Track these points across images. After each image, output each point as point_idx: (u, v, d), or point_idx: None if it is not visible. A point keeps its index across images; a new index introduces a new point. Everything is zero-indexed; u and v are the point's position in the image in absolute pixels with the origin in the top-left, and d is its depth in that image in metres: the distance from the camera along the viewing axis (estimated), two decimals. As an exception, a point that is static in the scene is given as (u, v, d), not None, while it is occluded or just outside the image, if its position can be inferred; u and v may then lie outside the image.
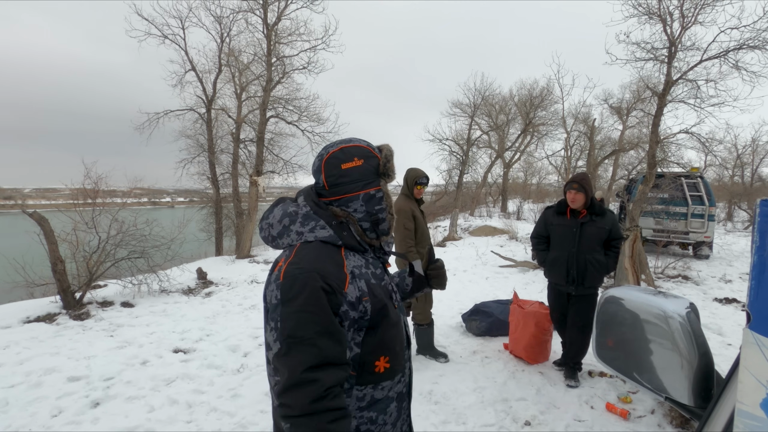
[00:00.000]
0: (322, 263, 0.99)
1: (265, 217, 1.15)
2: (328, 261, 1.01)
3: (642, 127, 16.40)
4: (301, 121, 12.82)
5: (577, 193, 3.24)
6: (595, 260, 3.24)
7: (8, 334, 4.23)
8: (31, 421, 2.75)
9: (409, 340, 1.21)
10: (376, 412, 1.06)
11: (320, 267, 0.97)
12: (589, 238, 3.26)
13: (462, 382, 3.34)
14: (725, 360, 3.69)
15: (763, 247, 0.57)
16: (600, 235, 3.25)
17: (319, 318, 0.93)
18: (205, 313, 5.17)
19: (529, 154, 23.63)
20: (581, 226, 3.28)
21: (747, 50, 6.23)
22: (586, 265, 3.24)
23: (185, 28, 12.66)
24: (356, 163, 1.09)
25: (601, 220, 3.27)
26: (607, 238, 3.27)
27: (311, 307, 0.93)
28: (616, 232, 3.29)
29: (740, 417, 0.59)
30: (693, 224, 8.83)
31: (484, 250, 9.75)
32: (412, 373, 1.24)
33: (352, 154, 1.09)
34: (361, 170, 1.09)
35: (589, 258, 3.24)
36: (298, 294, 0.93)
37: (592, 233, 3.26)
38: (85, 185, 6.32)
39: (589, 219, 3.26)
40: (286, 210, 1.10)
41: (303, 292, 0.93)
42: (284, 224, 1.08)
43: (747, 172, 21.32)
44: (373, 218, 1.11)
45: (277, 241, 1.10)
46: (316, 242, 1.04)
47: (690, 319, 0.81)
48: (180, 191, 19.45)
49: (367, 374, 1.04)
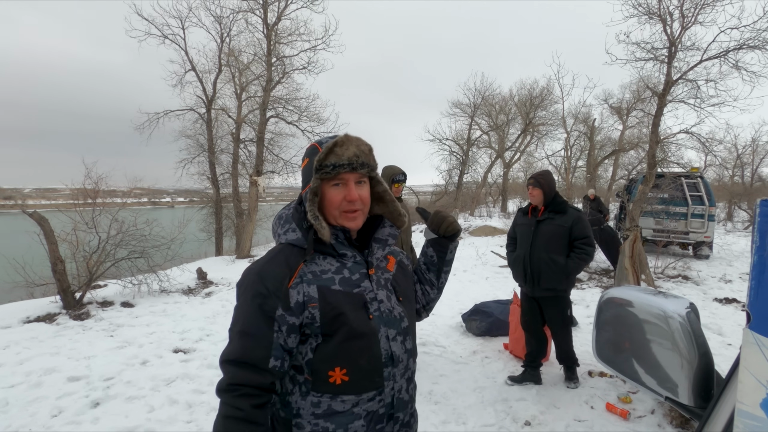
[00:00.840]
0: (268, 266, 1.00)
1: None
2: (278, 264, 1.00)
3: (642, 127, 16.41)
4: (301, 121, 12.84)
5: (534, 189, 3.14)
6: (550, 260, 3.07)
7: (8, 334, 4.23)
8: (31, 421, 2.75)
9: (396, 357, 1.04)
10: (335, 425, 0.98)
11: (264, 269, 1.00)
12: (545, 237, 3.11)
13: (462, 382, 3.34)
14: (725, 360, 3.70)
15: (763, 247, 0.57)
16: (558, 234, 3.07)
17: (244, 319, 0.97)
18: (205, 313, 5.17)
19: (529, 154, 23.65)
20: (537, 225, 3.16)
21: (747, 50, 6.23)
22: (541, 265, 3.10)
23: (185, 28, 12.69)
24: (305, 162, 1.05)
25: (561, 218, 3.09)
26: (571, 237, 3.08)
27: (243, 307, 0.99)
28: (579, 230, 3.06)
29: (740, 417, 0.59)
30: (693, 224, 8.84)
31: (484, 250, 9.76)
32: (407, 395, 1.08)
33: (305, 154, 1.07)
34: (306, 170, 1.04)
35: (545, 258, 3.08)
36: (240, 294, 1.00)
37: (549, 232, 3.10)
38: (85, 185, 6.34)
39: (548, 217, 3.12)
40: (281, 212, 1.13)
41: (243, 293, 0.99)
42: (274, 226, 1.13)
43: (747, 172, 21.35)
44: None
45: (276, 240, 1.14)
46: (284, 245, 1.05)
47: (690, 319, 0.80)
48: (180, 191, 19.46)
49: (320, 382, 0.98)
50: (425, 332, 4.46)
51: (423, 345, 4.12)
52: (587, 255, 3.05)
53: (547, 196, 3.13)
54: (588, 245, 3.06)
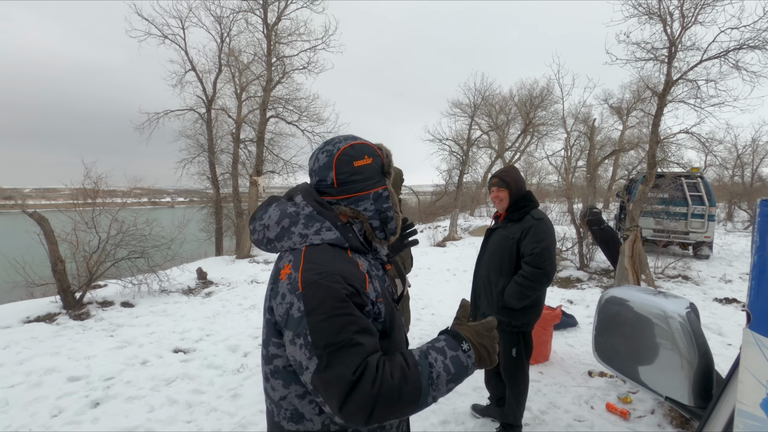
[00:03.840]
0: (340, 265, 0.94)
1: (257, 218, 1.06)
2: (348, 262, 0.96)
3: (642, 127, 16.43)
4: (301, 121, 12.85)
5: (499, 190, 2.46)
6: (488, 281, 2.46)
7: (8, 334, 4.23)
8: (31, 421, 2.75)
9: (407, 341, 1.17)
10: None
11: (340, 269, 0.92)
12: (489, 252, 2.51)
13: (462, 382, 3.33)
14: (725, 360, 3.70)
15: (763, 247, 0.57)
16: (502, 247, 2.40)
17: (353, 317, 0.88)
18: (205, 313, 5.17)
19: (529, 154, 23.63)
20: (491, 234, 2.55)
21: (747, 50, 6.23)
22: (480, 286, 2.54)
23: (185, 28, 12.68)
24: (367, 161, 1.04)
25: (512, 227, 2.39)
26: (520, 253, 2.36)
27: (343, 310, 0.87)
28: (528, 247, 2.29)
29: (740, 417, 0.59)
30: (693, 224, 8.83)
31: (484, 250, 9.74)
32: None
33: (362, 152, 1.05)
34: (372, 168, 1.05)
35: (484, 277, 2.50)
36: (324, 299, 0.87)
37: (493, 244, 2.48)
38: (85, 185, 6.33)
39: (502, 225, 2.48)
40: (284, 210, 1.02)
41: (330, 297, 0.87)
42: (283, 225, 1.00)
43: (747, 172, 21.33)
44: (383, 216, 1.07)
45: (275, 244, 1.02)
46: (323, 245, 0.98)
47: (690, 319, 0.81)
48: (180, 191, 19.45)
49: None
50: (425, 332, 4.46)
51: (423, 345, 4.12)
52: (527, 278, 2.25)
53: (512, 197, 2.45)
54: (530, 264, 2.26)
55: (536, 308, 2.44)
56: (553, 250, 2.30)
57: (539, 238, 2.29)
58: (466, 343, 0.95)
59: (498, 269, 2.41)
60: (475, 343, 0.96)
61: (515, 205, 2.43)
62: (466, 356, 0.94)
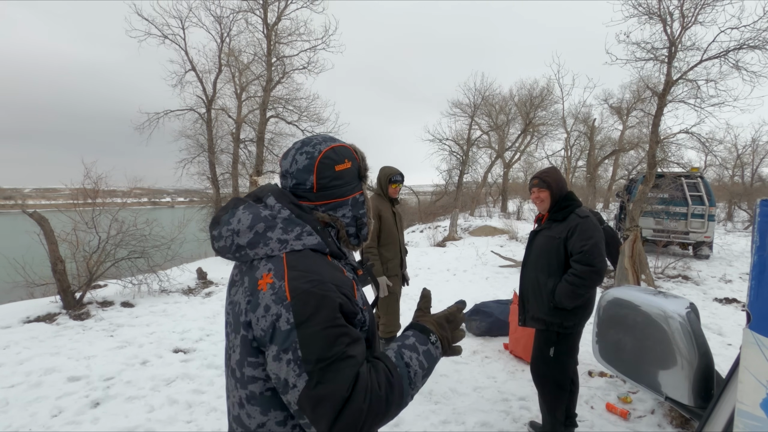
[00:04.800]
0: (329, 272, 0.88)
1: (222, 222, 0.94)
2: (332, 269, 0.90)
3: (642, 127, 16.44)
4: (301, 121, 12.86)
5: (540, 191, 2.45)
6: (536, 282, 2.42)
7: (8, 334, 4.23)
8: (31, 421, 2.75)
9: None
10: None
11: (331, 276, 0.87)
12: (536, 253, 2.47)
13: (462, 382, 3.34)
14: (725, 360, 3.70)
15: (763, 247, 0.57)
16: (549, 248, 2.38)
17: (346, 328, 0.82)
18: (205, 313, 5.17)
19: (529, 154, 23.67)
20: (534, 236, 2.54)
21: (747, 50, 6.24)
22: (528, 288, 2.50)
23: (185, 28, 12.67)
24: (347, 165, 1.00)
25: (557, 227, 2.38)
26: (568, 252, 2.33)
27: (337, 321, 0.81)
28: (576, 245, 2.27)
29: (740, 417, 0.59)
30: (693, 224, 8.84)
31: (484, 250, 9.75)
32: None
33: (344, 156, 0.99)
34: (351, 173, 1.01)
35: (532, 279, 2.46)
36: (318, 310, 0.80)
37: (540, 246, 2.45)
38: (85, 185, 6.32)
39: (547, 226, 2.46)
40: (257, 213, 0.91)
41: (323, 307, 0.81)
42: (257, 231, 0.90)
43: (747, 172, 21.34)
44: (359, 223, 1.04)
45: (246, 251, 0.90)
46: (305, 251, 0.89)
47: (690, 319, 0.81)
48: (180, 191, 19.44)
49: None
50: (425, 332, 4.46)
51: (423, 345, 4.12)
52: (578, 277, 2.24)
53: (554, 198, 2.43)
54: (581, 263, 2.25)
55: (587, 308, 2.41)
56: (602, 247, 2.30)
57: (587, 235, 2.28)
58: (433, 335, 0.94)
59: (546, 270, 2.38)
60: (439, 335, 0.95)
61: (558, 205, 2.42)
62: (435, 348, 0.94)
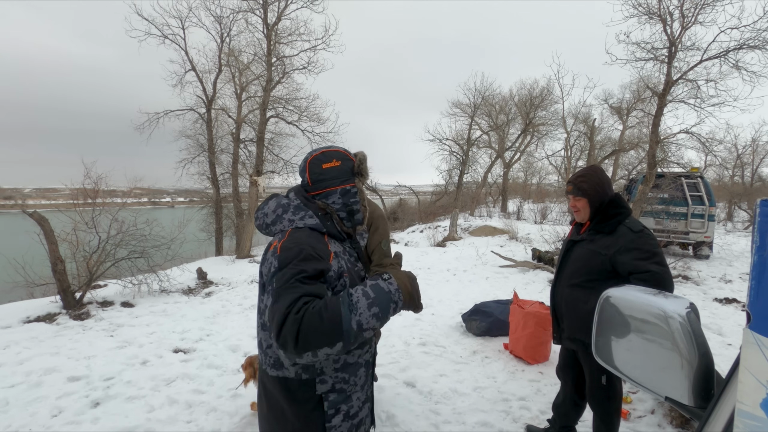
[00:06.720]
0: (312, 241, 1.18)
1: (260, 208, 1.36)
2: (317, 239, 1.21)
3: (642, 127, 16.43)
4: (301, 121, 12.85)
5: (576, 199, 2.14)
6: (572, 299, 2.13)
7: (8, 334, 4.22)
8: (31, 421, 2.75)
9: None
10: (348, 374, 1.26)
11: (310, 242, 1.17)
12: (574, 266, 2.16)
13: (462, 382, 3.34)
14: (725, 360, 3.69)
15: (763, 247, 0.57)
16: (590, 263, 2.07)
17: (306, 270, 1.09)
18: (205, 313, 5.17)
19: (529, 154, 23.67)
20: (572, 246, 2.23)
21: (747, 50, 6.24)
22: (563, 304, 2.21)
23: (185, 28, 12.69)
24: (335, 163, 1.32)
25: (602, 239, 2.04)
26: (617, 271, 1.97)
27: (301, 265, 1.10)
28: (629, 261, 1.91)
29: (740, 417, 0.59)
30: (693, 224, 8.84)
31: (484, 250, 9.75)
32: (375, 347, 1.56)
33: (331, 156, 1.32)
34: (339, 169, 1.32)
35: (566, 295, 2.17)
36: (293, 258, 1.11)
37: (580, 258, 2.14)
38: (85, 185, 6.32)
39: (588, 237, 2.13)
40: (279, 202, 1.31)
41: (297, 256, 1.11)
42: (278, 213, 1.29)
43: (747, 172, 21.35)
44: (348, 209, 1.33)
45: (270, 228, 1.30)
46: (305, 228, 1.23)
47: (690, 319, 0.80)
48: (180, 191, 19.45)
49: None
50: (425, 332, 4.46)
51: (423, 345, 4.12)
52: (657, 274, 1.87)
53: (594, 206, 2.10)
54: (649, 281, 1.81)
55: None
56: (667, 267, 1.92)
57: (651, 252, 1.91)
58: (386, 274, 1.16)
59: (587, 287, 2.07)
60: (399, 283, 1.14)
61: (603, 214, 2.08)
62: (387, 283, 1.12)
